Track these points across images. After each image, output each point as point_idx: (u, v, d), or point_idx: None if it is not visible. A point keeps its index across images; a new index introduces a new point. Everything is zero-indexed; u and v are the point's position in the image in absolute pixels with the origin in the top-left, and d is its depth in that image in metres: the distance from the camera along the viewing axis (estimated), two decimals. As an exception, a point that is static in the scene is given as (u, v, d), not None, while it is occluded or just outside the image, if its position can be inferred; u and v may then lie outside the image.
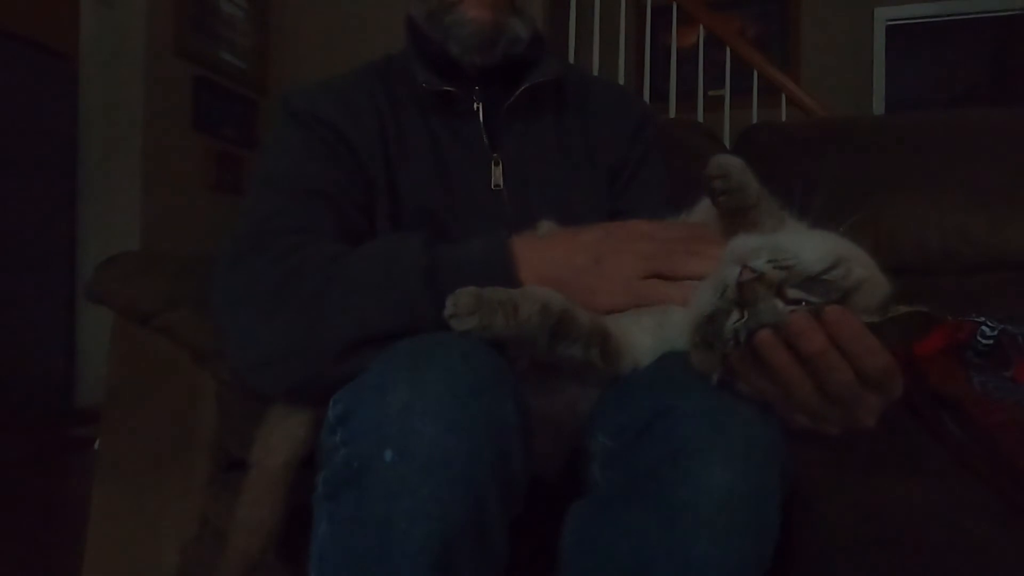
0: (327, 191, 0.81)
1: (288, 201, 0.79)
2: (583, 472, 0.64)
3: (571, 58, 3.15)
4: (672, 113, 3.18)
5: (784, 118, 3.14)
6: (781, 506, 0.56)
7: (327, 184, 0.81)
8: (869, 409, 0.54)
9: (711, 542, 0.52)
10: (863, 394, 0.53)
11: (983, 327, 0.93)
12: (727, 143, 2.09)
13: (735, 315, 0.54)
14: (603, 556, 0.56)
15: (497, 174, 0.88)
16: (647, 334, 0.66)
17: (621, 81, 3.18)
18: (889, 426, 0.56)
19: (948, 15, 4.04)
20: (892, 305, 0.55)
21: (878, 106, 4.02)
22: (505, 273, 0.68)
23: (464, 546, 0.53)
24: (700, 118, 3.09)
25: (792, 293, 0.53)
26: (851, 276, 0.54)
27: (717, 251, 0.63)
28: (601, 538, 0.57)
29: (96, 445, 1.05)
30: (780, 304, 0.53)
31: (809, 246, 0.55)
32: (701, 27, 3.20)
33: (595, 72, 3.00)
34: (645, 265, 0.68)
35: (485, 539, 0.55)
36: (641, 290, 0.67)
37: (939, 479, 0.83)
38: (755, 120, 2.92)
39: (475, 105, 0.90)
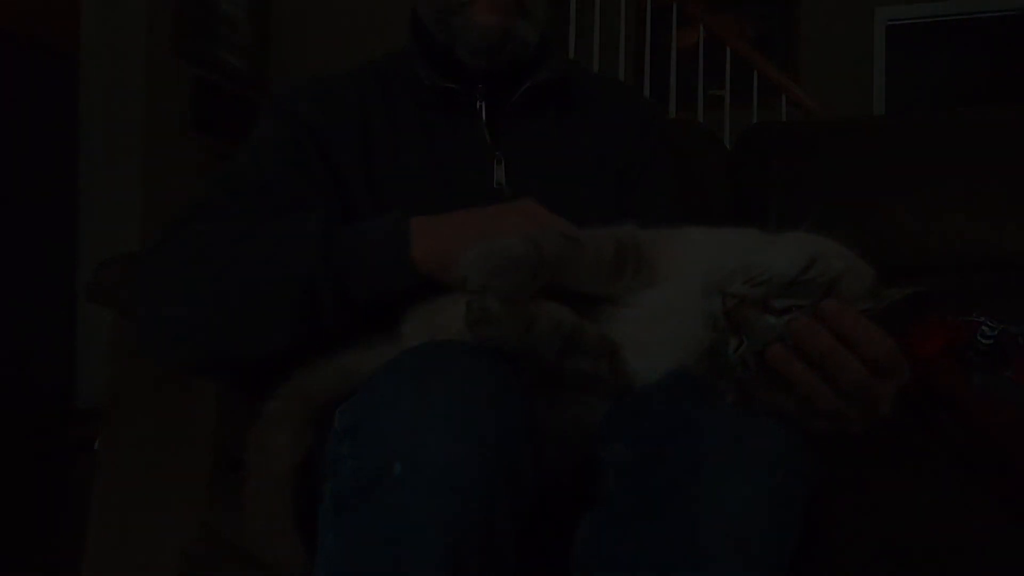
0: (273, 187, 0.83)
1: (228, 192, 0.83)
2: (593, 481, 0.63)
3: (571, 58, 3.15)
4: (672, 113, 3.17)
5: (784, 118, 3.14)
6: (804, 515, 0.56)
7: (278, 180, 0.83)
8: (884, 397, 0.54)
9: (734, 556, 0.52)
10: (876, 384, 0.53)
11: (983, 327, 0.93)
12: (727, 143, 2.09)
13: (733, 342, 0.54)
14: (622, 569, 0.55)
15: (499, 172, 0.88)
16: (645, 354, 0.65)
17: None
18: (889, 426, 0.56)
19: (948, 15, 4.04)
20: (884, 290, 0.55)
21: (878, 106, 4.02)
22: (399, 253, 0.71)
23: (475, 557, 0.53)
24: (700, 118, 3.09)
25: (778, 303, 0.53)
26: (830, 270, 0.54)
27: None
28: (620, 550, 0.56)
29: (96, 445, 1.05)
30: (772, 318, 0.53)
31: (779, 254, 0.55)
32: (701, 27, 3.20)
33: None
34: None
35: (495, 550, 0.54)
36: None
37: (939, 479, 0.84)
38: (755, 120, 2.92)
39: (478, 103, 0.89)
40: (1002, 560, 0.72)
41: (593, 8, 3.22)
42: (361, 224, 0.75)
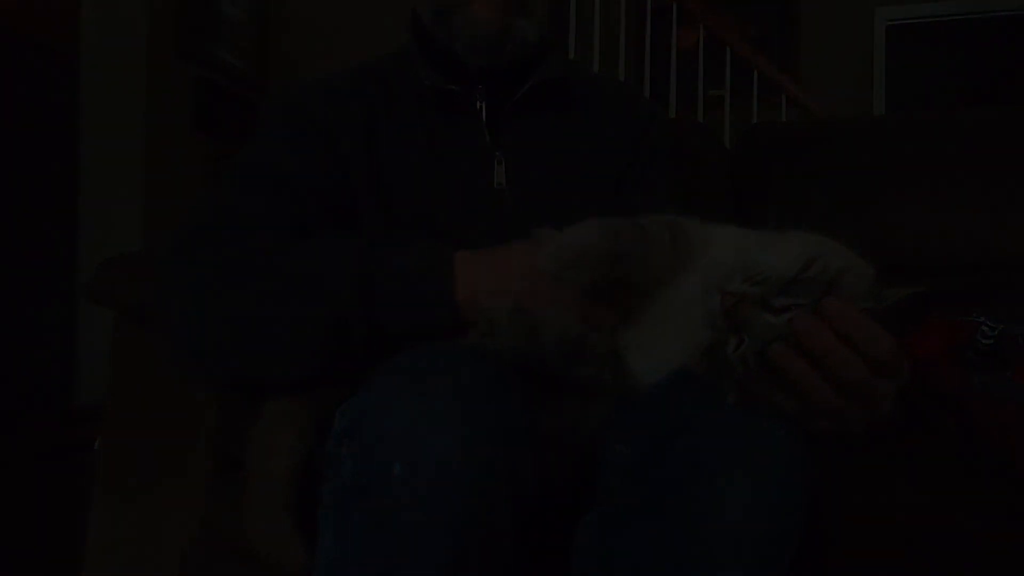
0: (294, 184, 0.81)
1: (249, 191, 0.81)
2: (593, 481, 0.63)
3: (571, 58, 3.15)
4: (672, 113, 3.17)
5: (784, 118, 3.14)
6: (806, 515, 0.56)
7: (296, 177, 0.82)
8: (884, 396, 0.54)
9: (736, 557, 0.52)
10: (876, 383, 0.53)
11: (983, 327, 0.93)
12: (727, 143, 2.09)
13: (733, 341, 0.54)
14: (622, 569, 0.55)
15: (499, 172, 0.88)
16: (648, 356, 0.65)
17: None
18: (889, 426, 0.56)
19: (948, 15, 4.04)
20: (886, 290, 0.55)
21: (878, 106, 4.02)
22: (442, 296, 0.69)
23: (475, 558, 0.53)
24: (700, 118, 3.09)
25: (778, 302, 0.53)
26: (829, 269, 0.54)
27: None
28: (620, 551, 0.56)
29: (96, 445, 1.05)
30: (771, 317, 0.52)
31: (779, 252, 0.55)
32: (701, 27, 3.20)
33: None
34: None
35: (496, 550, 0.54)
36: None
37: (939, 480, 0.84)
38: (755, 120, 2.92)
39: (478, 103, 0.89)
40: (1002, 559, 0.72)
41: (593, 8, 3.22)
42: (400, 253, 0.71)
